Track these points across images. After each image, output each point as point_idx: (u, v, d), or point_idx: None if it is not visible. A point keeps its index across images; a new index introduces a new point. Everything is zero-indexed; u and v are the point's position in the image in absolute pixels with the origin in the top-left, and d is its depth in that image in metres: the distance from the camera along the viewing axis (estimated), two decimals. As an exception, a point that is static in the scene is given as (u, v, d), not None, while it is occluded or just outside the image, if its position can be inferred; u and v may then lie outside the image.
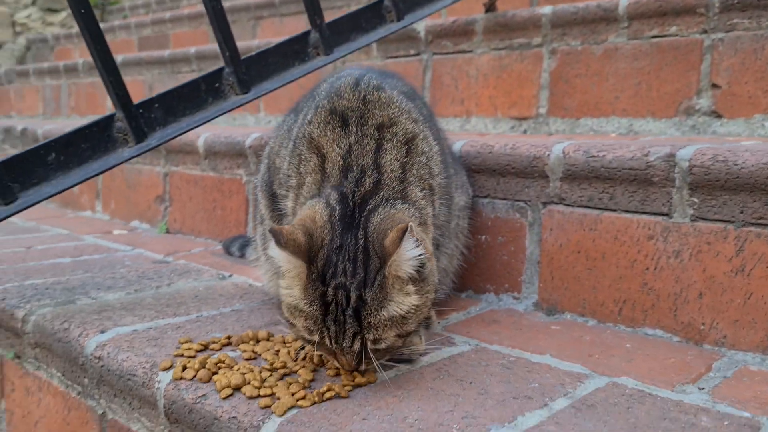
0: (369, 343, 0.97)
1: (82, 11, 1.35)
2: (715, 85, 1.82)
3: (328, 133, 1.13)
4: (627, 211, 1.30)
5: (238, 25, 3.87)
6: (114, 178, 2.53)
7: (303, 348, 1.13)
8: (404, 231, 0.95)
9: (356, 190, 1.06)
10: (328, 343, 0.98)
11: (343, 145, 1.11)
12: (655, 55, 1.91)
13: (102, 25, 4.99)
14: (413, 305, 0.98)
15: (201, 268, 1.77)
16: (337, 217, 1.02)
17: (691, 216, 1.22)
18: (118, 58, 3.50)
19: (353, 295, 0.96)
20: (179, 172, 2.25)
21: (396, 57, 2.49)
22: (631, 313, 1.30)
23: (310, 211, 1.05)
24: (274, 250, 0.98)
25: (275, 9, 3.79)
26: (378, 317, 0.96)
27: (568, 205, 1.38)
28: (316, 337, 0.98)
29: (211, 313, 1.38)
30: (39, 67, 4.18)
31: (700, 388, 1.05)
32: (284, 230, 0.98)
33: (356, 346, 0.97)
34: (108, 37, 4.81)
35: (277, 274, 1.17)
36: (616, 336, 1.28)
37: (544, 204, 1.41)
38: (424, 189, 1.14)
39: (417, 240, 0.97)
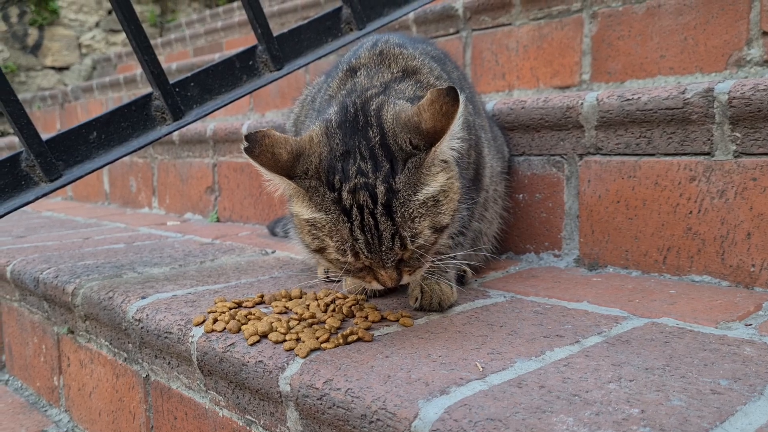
0: (408, 242, 0.90)
1: (115, -9, 1.40)
2: (765, 33, 1.72)
3: (340, 85, 1.13)
4: (666, 154, 1.25)
5: (287, 27, 3.93)
6: (168, 173, 2.61)
7: (334, 301, 1.13)
8: (449, 93, 0.87)
9: (357, 100, 1.01)
10: (363, 257, 0.91)
11: (348, 84, 1.10)
12: (701, 8, 1.83)
13: (159, 40, 5.13)
14: (444, 182, 0.93)
15: (245, 247, 1.80)
16: (335, 126, 0.96)
17: (734, 152, 1.16)
18: (172, 65, 3.62)
19: (380, 189, 0.89)
20: (227, 162, 2.30)
21: (435, 37, 2.47)
22: (677, 261, 1.24)
23: (308, 132, 0.99)
24: (248, 159, 0.92)
25: (320, 8, 3.84)
26: (411, 205, 0.90)
27: (605, 154, 1.33)
28: (349, 256, 0.91)
29: (250, 280, 1.40)
30: (101, 81, 4.37)
31: (747, 325, 0.99)
32: (266, 139, 0.92)
33: (396, 248, 0.90)
34: (165, 51, 4.93)
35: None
36: (661, 284, 1.22)
37: (581, 156, 1.37)
38: None
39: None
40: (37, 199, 1.35)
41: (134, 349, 1.29)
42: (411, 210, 0.90)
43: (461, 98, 0.90)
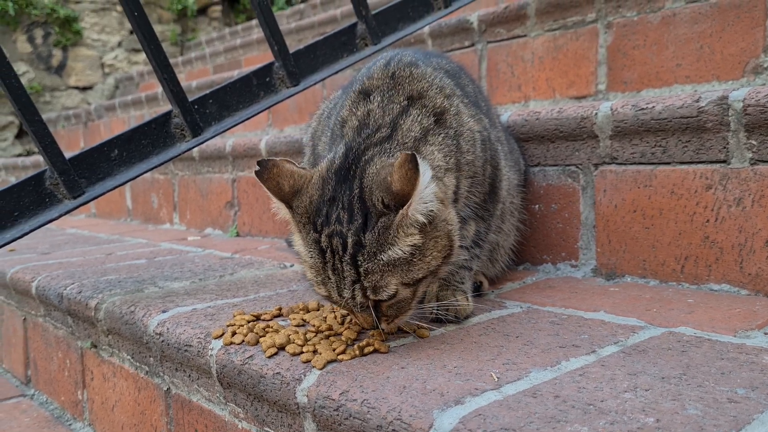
0: (370, 293, 0.93)
1: (133, 12, 1.43)
2: (782, 40, 1.72)
3: (353, 108, 1.13)
4: (682, 163, 1.24)
5: (305, 44, 3.98)
6: (189, 189, 2.64)
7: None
8: (411, 161, 0.88)
9: (362, 143, 1.03)
10: (333, 295, 0.97)
11: (361, 112, 1.10)
12: (716, 17, 1.83)
13: (180, 58, 5.21)
14: (415, 245, 0.93)
15: (264, 261, 1.82)
16: (333, 171, 0.99)
17: (750, 159, 1.15)
18: (193, 83, 3.68)
19: (350, 240, 0.92)
20: (245, 177, 2.33)
21: (451, 50, 2.49)
22: (695, 270, 1.24)
23: (317, 168, 1.03)
24: (258, 180, 1.00)
25: (337, 24, 3.88)
26: (376, 261, 0.92)
27: (620, 163, 1.33)
28: (323, 291, 0.98)
29: (268, 293, 1.42)
30: (124, 100, 4.44)
31: (766, 333, 0.98)
32: (274, 168, 1.00)
33: (358, 296, 0.93)
34: (186, 69, 5.00)
35: None
36: (679, 293, 1.22)
37: (596, 165, 1.37)
38: (448, 156, 1.09)
39: (426, 168, 0.91)
40: (60, 216, 1.38)
41: (155, 362, 1.31)
42: (374, 266, 0.92)
43: (421, 168, 0.89)
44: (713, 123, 1.18)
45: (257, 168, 1.00)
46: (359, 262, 0.92)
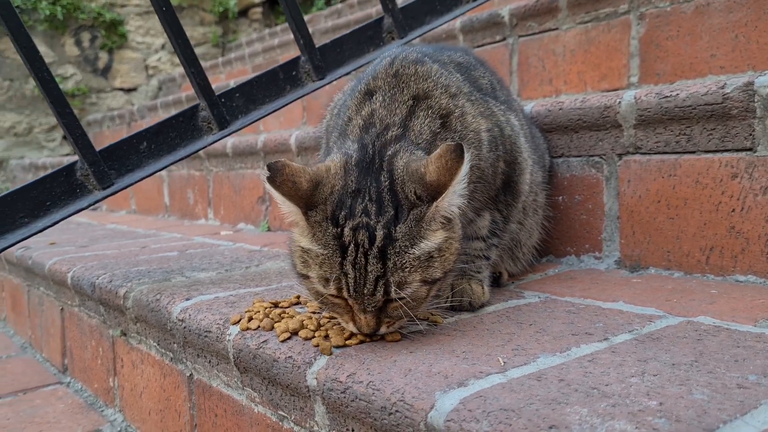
0: (393, 289, 0.89)
1: (161, 6, 1.47)
2: (821, 27, 1.66)
3: (357, 108, 1.11)
4: (707, 151, 1.22)
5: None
6: (222, 185, 2.69)
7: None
8: (456, 150, 0.88)
9: (376, 140, 1.01)
10: (346, 293, 0.91)
11: (365, 111, 1.08)
12: (751, 5, 1.78)
13: (221, 59, 5.28)
14: (443, 239, 0.92)
15: (291, 253, 1.84)
16: (354, 163, 0.97)
17: (777, 147, 1.12)
18: (231, 82, 3.74)
19: (379, 233, 0.89)
20: (276, 172, 2.36)
21: (482, 45, 2.47)
22: (720, 261, 1.21)
23: (327, 162, 1.00)
24: (268, 187, 0.93)
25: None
26: (406, 256, 0.89)
27: (644, 153, 1.31)
28: (331, 288, 0.91)
29: (290, 283, 1.43)
30: (165, 100, 4.54)
31: (788, 323, 0.95)
32: (286, 168, 0.93)
33: (379, 294, 0.89)
34: (226, 69, 5.07)
35: None
36: (702, 284, 1.19)
37: (620, 155, 1.35)
38: None
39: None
40: (90, 206, 1.42)
41: (179, 348, 1.34)
42: (404, 261, 0.89)
43: (466, 157, 0.89)
44: (738, 110, 1.15)
45: (268, 174, 0.93)
46: (388, 256, 0.89)
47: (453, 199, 0.92)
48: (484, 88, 1.25)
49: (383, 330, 0.95)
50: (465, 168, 0.90)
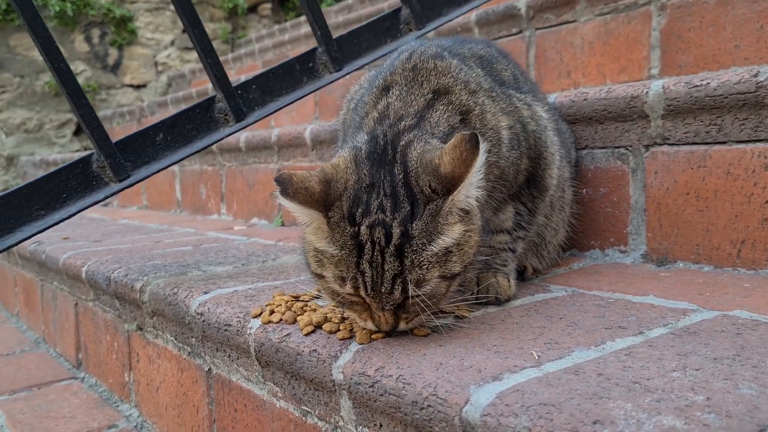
0: (411, 287, 0.86)
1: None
2: None
3: (375, 103, 1.09)
4: (739, 142, 1.18)
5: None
6: (236, 180, 2.67)
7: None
8: (471, 140, 0.85)
9: (388, 131, 0.97)
10: (363, 292, 0.88)
11: (381, 105, 1.06)
12: (778, -5, 1.74)
13: (230, 55, 5.27)
14: (462, 232, 0.88)
15: (307, 247, 1.82)
16: (364, 156, 0.93)
17: (813, 136, 1.09)
18: (241, 77, 3.72)
19: (396, 231, 0.86)
20: (290, 166, 2.34)
21: (498, 38, 2.44)
22: (752, 254, 1.18)
23: (335, 158, 0.97)
24: (282, 201, 0.89)
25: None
26: (424, 254, 0.86)
27: (672, 144, 1.28)
28: (348, 287, 0.88)
29: (309, 277, 1.41)
30: (175, 96, 4.53)
31: (829, 317, 0.92)
32: (294, 177, 0.89)
33: (397, 292, 0.86)
34: (236, 65, 5.06)
35: None
36: (734, 278, 1.16)
37: (647, 147, 1.32)
38: None
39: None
40: (106, 198, 1.40)
41: (197, 342, 1.31)
42: (422, 258, 0.86)
43: (482, 147, 0.86)
44: (773, 98, 1.12)
45: (278, 188, 0.89)
46: (405, 254, 0.86)
47: (470, 191, 0.89)
48: (507, 80, 1.22)
49: (402, 326, 0.92)
50: (481, 158, 0.86)
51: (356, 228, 0.88)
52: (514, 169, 1.13)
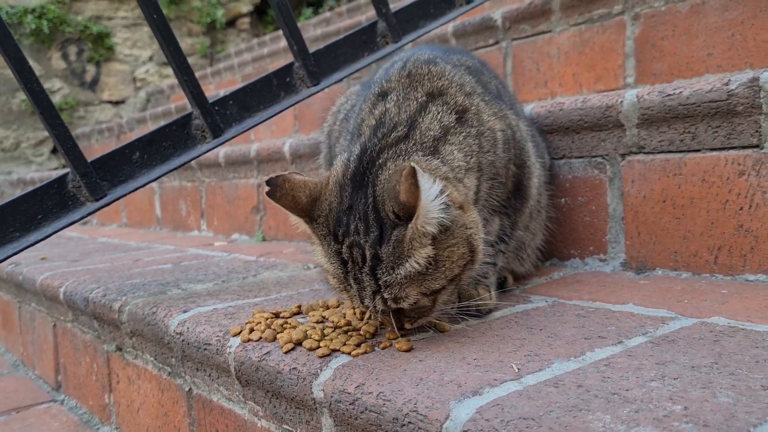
0: (391, 303, 0.92)
1: (152, 14, 1.44)
2: (818, 23, 1.65)
3: (371, 110, 1.10)
4: (713, 149, 1.20)
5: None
6: (215, 195, 2.65)
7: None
8: (412, 174, 0.84)
9: (378, 144, 1.00)
10: (356, 303, 0.96)
11: (378, 111, 1.07)
12: (748, 3, 1.77)
13: (209, 70, 5.24)
14: (429, 257, 0.90)
15: (287, 263, 1.81)
16: (349, 177, 0.97)
17: (785, 143, 1.10)
18: (221, 92, 3.71)
19: (368, 253, 0.91)
20: (270, 181, 2.33)
21: (475, 49, 2.46)
22: (729, 260, 1.19)
23: (331, 171, 1.01)
24: (269, 200, 0.97)
25: (363, 29, 3.88)
26: (395, 275, 0.90)
27: (648, 152, 1.29)
28: (345, 296, 0.97)
29: (290, 293, 1.40)
30: (154, 112, 4.51)
31: (805, 322, 0.93)
32: (287, 184, 0.95)
33: (379, 305, 0.92)
34: (215, 79, 5.04)
35: None
36: (712, 284, 1.17)
37: (623, 155, 1.33)
38: (469, 156, 1.05)
39: (434, 181, 0.88)
40: (82, 218, 1.39)
41: (177, 362, 1.30)
42: (392, 279, 0.90)
43: (422, 184, 0.85)
44: (744, 106, 1.14)
45: (268, 188, 0.97)
46: (378, 275, 0.91)
47: (429, 217, 0.89)
48: (492, 91, 1.24)
49: (407, 326, 0.97)
50: (428, 193, 0.86)
51: (339, 246, 0.94)
52: (505, 172, 1.16)
